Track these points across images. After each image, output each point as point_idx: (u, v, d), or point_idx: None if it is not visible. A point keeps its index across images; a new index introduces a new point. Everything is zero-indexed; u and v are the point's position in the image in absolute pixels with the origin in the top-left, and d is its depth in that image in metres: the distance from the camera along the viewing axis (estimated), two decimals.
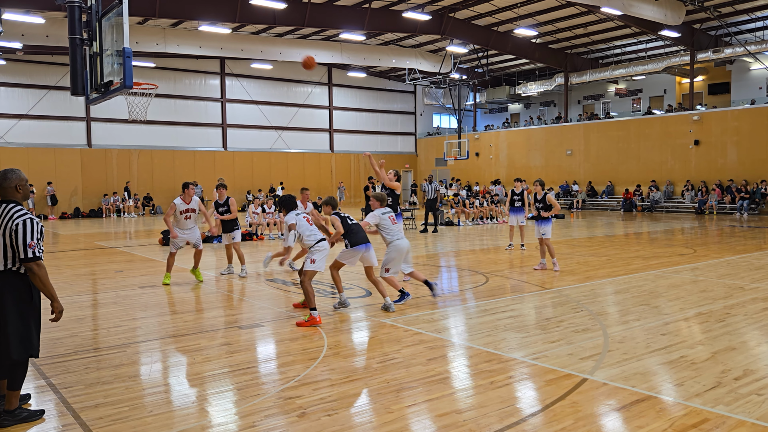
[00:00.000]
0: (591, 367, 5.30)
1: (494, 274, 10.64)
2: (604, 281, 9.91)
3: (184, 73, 33.33)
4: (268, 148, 36.22)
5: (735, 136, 26.90)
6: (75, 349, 6.15)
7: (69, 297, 8.82)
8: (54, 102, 29.53)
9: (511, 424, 4.15)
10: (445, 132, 42.21)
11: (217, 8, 24.52)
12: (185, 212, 9.98)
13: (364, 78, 39.61)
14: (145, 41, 25.70)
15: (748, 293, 8.65)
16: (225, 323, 7.41)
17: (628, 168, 30.88)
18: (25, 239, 4.20)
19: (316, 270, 7.29)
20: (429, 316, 7.50)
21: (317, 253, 7.33)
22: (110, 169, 31.04)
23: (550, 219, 11.34)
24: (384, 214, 8.02)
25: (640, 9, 24.03)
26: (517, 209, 14.37)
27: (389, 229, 8.04)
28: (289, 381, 5.09)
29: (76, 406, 4.56)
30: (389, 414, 4.35)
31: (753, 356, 5.66)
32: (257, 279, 10.55)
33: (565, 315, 7.39)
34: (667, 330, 6.60)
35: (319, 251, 7.34)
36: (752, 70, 30.73)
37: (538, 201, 11.38)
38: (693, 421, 4.14)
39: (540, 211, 11.25)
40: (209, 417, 4.40)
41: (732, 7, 26.42)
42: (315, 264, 7.28)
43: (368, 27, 27.36)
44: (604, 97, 38.03)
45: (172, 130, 33.00)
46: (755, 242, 15.41)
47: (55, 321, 4.43)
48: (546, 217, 11.24)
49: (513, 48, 32.44)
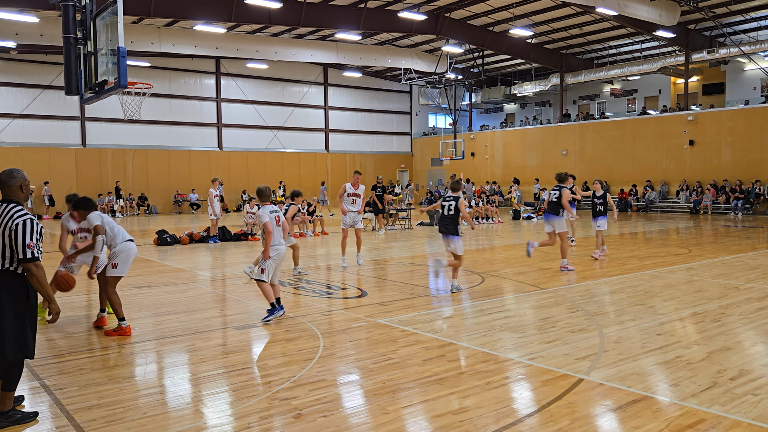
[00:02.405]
0: (587, 368, 5.30)
1: (490, 275, 10.64)
2: (599, 281, 9.92)
3: (179, 73, 33.24)
4: (263, 148, 36.15)
5: (729, 136, 26.99)
6: (69, 350, 6.12)
7: (63, 298, 8.76)
8: (48, 101, 29.40)
9: (507, 424, 4.14)
10: (440, 132, 42.22)
11: (213, 8, 24.47)
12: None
13: (360, 78, 39.58)
14: (140, 40, 25.62)
15: (743, 293, 8.67)
16: (220, 324, 7.38)
17: (623, 168, 30.95)
18: (24, 239, 4.18)
19: (119, 275, 6.78)
20: (425, 316, 7.49)
21: (120, 256, 6.77)
22: (105, 169, 30.94)
23: (605, 214, 12.88)
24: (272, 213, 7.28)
25: (635, 9, 24.10)
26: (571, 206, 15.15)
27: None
28: (285, 382, 5.07)
29: (70, 407, 4.53)
30: (385, 415, 4.34)
31: (748, 356, 5.67)
32: (251, 280, 10.51)
33: (561, 315, 7.39)
34: (663, 330, 6.61)
35: (120, 254, 6.79)
36: (746, 71, 30.85)
37: (598, 198, 12.93)
38: (689, 421, 4.14)
39: (598, 207, 12.91)
40: (204, 418, 4.37)
41: (726, 8, 26.51)
42: (117, 269, 6.75)
43: (364, 27, 27.34)
44: (599, 97, 38.12)
45: (167, 130, 32.92)
46: (750, 242, 15.46)
47: (52, 322, 4.44)
48: (603, 212, 12.86)
49: (508, 48, 32.49)
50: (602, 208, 13.00)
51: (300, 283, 9.97)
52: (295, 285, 9.81)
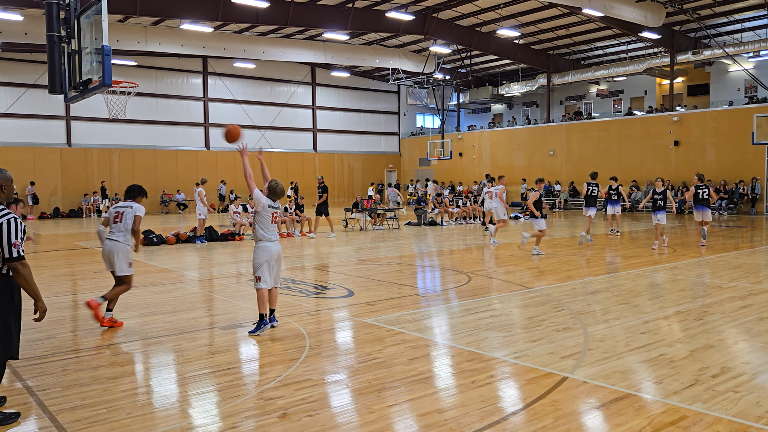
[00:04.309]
0: (571, 366, 5.34)
1: (477, 274, 10.68)
2: (585, 280, 9.99)
3: (165, 72, 33.04)
4: (251, 148, 35.69)
5: (714, 136, 27.28)
6: (53, 350, 6.07)
7: (48, 298, 8.63)
8: (33, 100, 29.09)
9: (492, 423, 4.16)
10: (428, 132, 42.31)
11: (199, 6, 24.35)
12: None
13: (348, 78, 39.56)
14: (126, 39, 25.43)
15: (726, 292, 8.77)
16: (206, 324, 7.35)
17: (609, 168, 31.10)
18: (9, 239, 4.18)
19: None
20: (411, 315, 7.50)
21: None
22: (90, 169, 30.69)
23: (665, 209, 14.01)
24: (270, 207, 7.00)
25: (621, 11, 24.30)
26: (614, 201, 17.46)
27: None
28: (270, 381, 5.07)
29: (53, 408, 4.50)
30: (371, 414, 4.35)
31: (730, 354, 5.74)
32: (238, 279, 10.49)
33: (547, 314, 7.43)
34: (647, 328, 6.67)
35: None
36: (730, 72, 31.19)
37: (658, 194, 14.03)
38: (671, 418, 4.18)
39: (659, 202, 13.99)
40: (189, 418, 4.36)
41: (711, 10, 26.78)
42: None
43: (352, 27, 27.33)
44: (585, 97, 38.37)
45: (154, 129, 32.70)
46: (733, 242, 15.64)
47: (39, 320, 4.42)
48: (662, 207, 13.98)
49: (496, 48, 32.61)
50: (662, 203, 14.06)
51: (287, 283, 9.95)
52: (281, 285, 9.77)
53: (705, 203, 14.13)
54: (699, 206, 14.23)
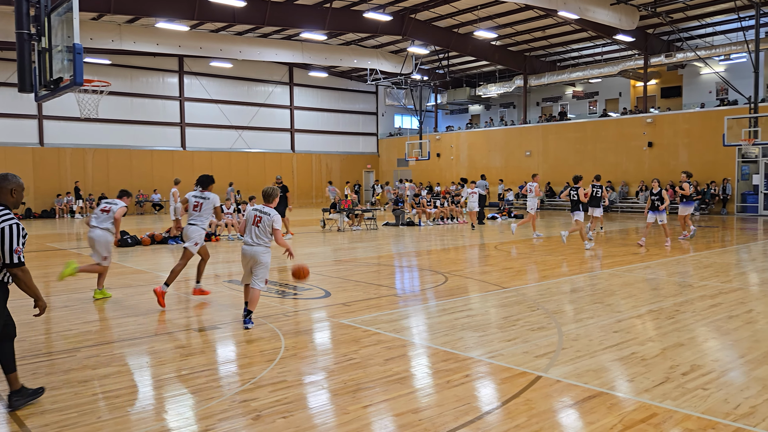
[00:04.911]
0: (545, 365, 5.40)
1: (453, 274, 10.73)
2: (560, 280, 10.09)
3: (141, 71, 32.63)
4: (228, 148, 35.75)
5: (686, 138, 27.76)
6: (23, 354, 5.95)
7: (18, 301, 8.49)
8: (3, 99, 28.48)
9: (466, 422, 4.19)
10: (406, 132, 42.38)
11: (175, 5, 24.10)
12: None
13: (326, 78, 39.47)
14: (99, 37, 25.06)
15: (697, 291, 8.93)
16: (181, 326, 7.28)
17: (585, 169, 31.41)
18: (11, 244, 4.18)
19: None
20: (388, 316, 7.51)
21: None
22: (64, 169, 30.18)
23: (665, 209, 14.49)
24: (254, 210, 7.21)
25: (596, 13, 24.62)
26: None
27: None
28: (245, 383, 5.03)
29: (22, 412, 4.42)
30: (345, 415, 4.34)
31: (700, 352, 5.85)
32: (215, 280, 10.40)
33: (522, 314, 7.50)
34: (620, 327, 6.76)
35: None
36: (702, 74, 31.77)
37: (654, 194, 14.54)
38: (642, 415, 4.25)
39: (656, 203, 14.51)
40: (163, 422, 4.31)
41: (683, 14, 27.26)
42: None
43: (329, 27, 27.28)
44: (561, 99, 38.77)
45: (129, 129, 32.27)
46: (704, 241, 15.93)
47: (39, 315, 4.60)
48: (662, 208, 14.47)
49: (473, 50, 32.80)
50: (659, 203, 14.45)
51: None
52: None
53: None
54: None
